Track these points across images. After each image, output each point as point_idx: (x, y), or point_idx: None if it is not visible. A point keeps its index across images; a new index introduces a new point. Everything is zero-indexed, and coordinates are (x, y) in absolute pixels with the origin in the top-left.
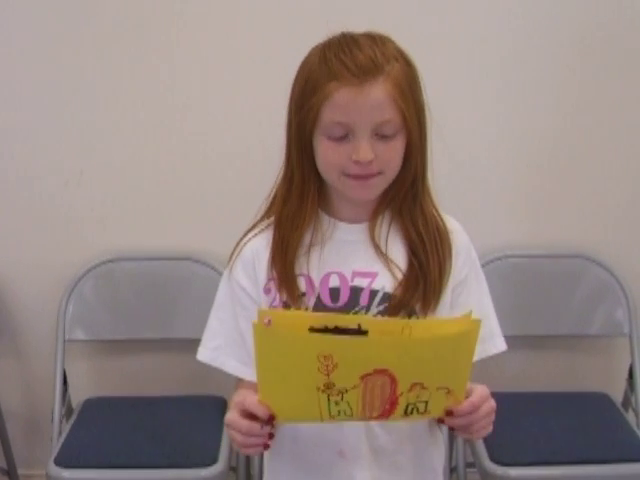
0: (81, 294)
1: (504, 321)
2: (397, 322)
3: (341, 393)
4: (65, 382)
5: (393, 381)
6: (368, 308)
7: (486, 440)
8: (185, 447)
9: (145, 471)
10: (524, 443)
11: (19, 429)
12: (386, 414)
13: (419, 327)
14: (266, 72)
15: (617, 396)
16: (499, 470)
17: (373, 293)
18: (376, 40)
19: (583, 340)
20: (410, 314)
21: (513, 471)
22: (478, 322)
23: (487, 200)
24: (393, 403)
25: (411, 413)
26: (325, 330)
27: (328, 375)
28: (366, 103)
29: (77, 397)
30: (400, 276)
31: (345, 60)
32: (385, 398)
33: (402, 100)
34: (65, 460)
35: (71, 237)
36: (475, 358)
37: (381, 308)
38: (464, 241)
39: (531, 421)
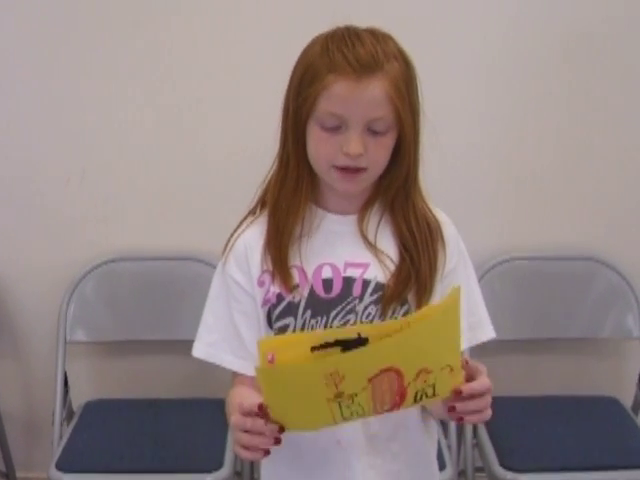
0: (82, 294)
1: (513, 324)
2: (395, 323)
3: (351, 397)
4: (66, 384)
5: (399, 374)
6: (361, 298)
7: (495, 444)
8: (189, 451)
9: (148, 476)
10: (534, 448)
11: (18, 431)
12: (397, 405)
13: (416, 320)
14: (268, 75)
15: (627, 400)
16: (509, 476)
17: (366, 283)
18: (378, 37)
19: (593, 343)
20: (403, 304)
21: (524, 477)
22: (457, 289)
23: (495, 202)
24: (402, 394)
25: (420, 399)
26: (326, 346)
27: (336, 387)
28: (362, 98)
29: (78, 399)
30: (392, 267)
31: (347, 53)
32: (394, 391)
33: (398, 99)
34: (66, 464)
35: (72, 236)
36: (466, 345)
37: (374, 297)
38: (452, 232)
39: (540, 425)
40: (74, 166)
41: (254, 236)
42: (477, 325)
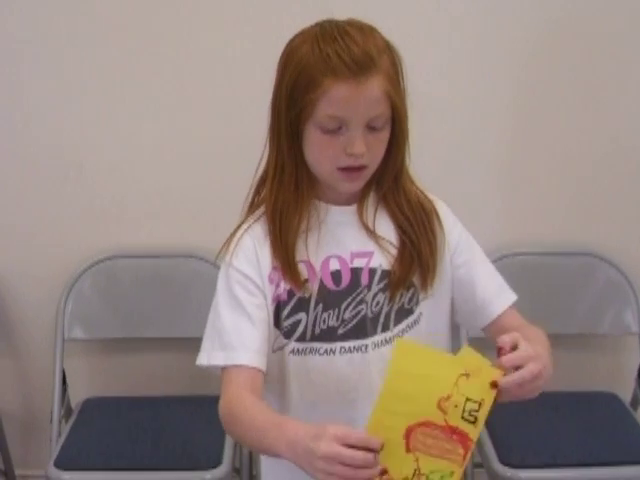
0: (81, 292)
1: None
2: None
3: None
4: (64, 382)
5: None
6: (369, 287)
7: (494, 441)
8: (188, 449)
9: (147, 473)
10: (533, 444)
11: (17, 429)
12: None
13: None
14: (268, 74)
15: (626, 396)
16: (509, 472)
17: (372, 271)
18: (366, 32)
19: (592, 339)
20: (409, 288)
21: (523, 473)
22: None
23: (494, 197)
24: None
25: (469, 417)
26: None
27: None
28: (363, 99)
29: (76, 397)
30: (394, 252)
31: (342, 54)
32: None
33: (395, 93)
34: (65, 462)
35: (70, 233)
36: (505, 306)
37: (381, 285)
38: (446, 209)
39: (539, 421)
40: (72, 162)
41: (260, 234)
42: (503, 290)
